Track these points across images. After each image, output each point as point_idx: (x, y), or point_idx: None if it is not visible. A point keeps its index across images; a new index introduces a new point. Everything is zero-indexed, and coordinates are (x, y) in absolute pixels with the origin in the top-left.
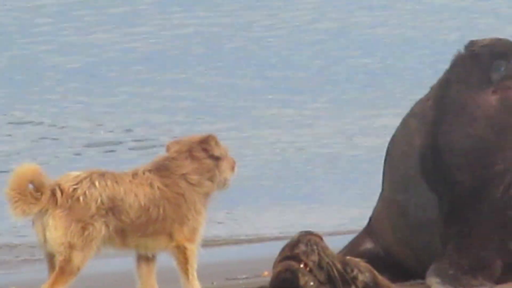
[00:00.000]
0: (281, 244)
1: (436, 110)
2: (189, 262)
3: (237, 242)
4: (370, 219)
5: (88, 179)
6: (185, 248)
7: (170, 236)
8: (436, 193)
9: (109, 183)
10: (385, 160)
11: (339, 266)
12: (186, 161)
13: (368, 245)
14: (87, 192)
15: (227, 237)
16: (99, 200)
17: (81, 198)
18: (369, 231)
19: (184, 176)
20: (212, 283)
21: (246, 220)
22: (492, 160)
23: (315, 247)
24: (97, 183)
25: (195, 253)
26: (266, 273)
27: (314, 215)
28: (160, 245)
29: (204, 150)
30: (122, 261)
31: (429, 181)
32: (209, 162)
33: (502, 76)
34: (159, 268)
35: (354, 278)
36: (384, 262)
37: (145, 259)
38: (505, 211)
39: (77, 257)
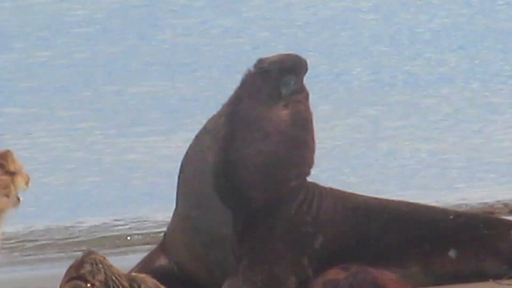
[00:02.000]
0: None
1: (228, 126)
2: None
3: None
4: (165, 234)
5: None
6: None
7: None
8: (230, 210)
9: None
10: (179, 176)
11: (125, 283)
12: None
13: (162, 261)
14: None
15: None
16: None
17: None
18: (163, 247)
19: None
20: None
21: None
22: (285, 176)
23: (100, 265)
24: None
25: None
26: None
27: None
28: None
29: (0, 166)
30: None
31: (223, 198)
32: (5, 178)
33: (292, 90)
34: None
35: None
36: (178, 279)
37: None
38: (298, 228)
39: None
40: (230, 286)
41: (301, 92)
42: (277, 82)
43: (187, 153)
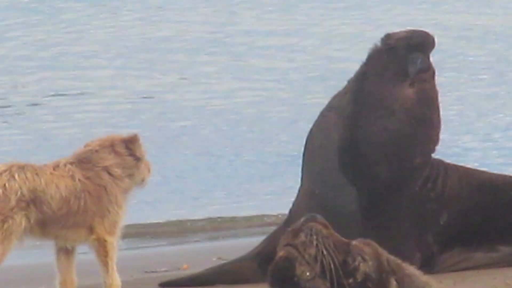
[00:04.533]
0: (203, 236)
1: (353, 104)
2: (109, 255)
3: (157, 235)
4: (290, 211)
5: (7, 172)
6: (105, 241)
7: (91, 228)
8: (355, 187)
9: (29, 175)
10: (304, 153)
11: (339, 258)
12: (109, 155)
13: None
14: (6, 184)
15: (147, 230)
16: (19, 193)
17: (0, 191)
18: (289, 224)
19: (106, 168)
20: (131, 276)
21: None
22: (410, 153)
23: (314, 237)
24: (16, 176)
25: (115, 246)
26: (185, 266)
27: None
28: (80, 237)
29: (127, 148)
30: (42, 253)
31: (347, 175)
32: (130, 160)
33: (419, 69)
34: (78, 261)
35: (355, 270)
36: None
37: (64, 251)
38: (423, 204)
39: None
40: None
41: (428, 70)
42: (403, 59)
43: (311, 130)
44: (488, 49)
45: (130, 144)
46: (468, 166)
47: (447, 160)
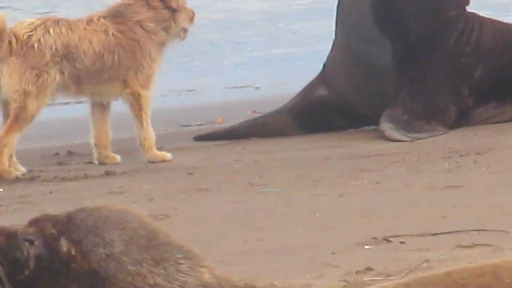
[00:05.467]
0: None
1: None
2: (143, 109)
3: (191, 89)
4: (324, 65)
5: (42, 26)
6: (139, 94)
7: (125, 83)
8: (390, 40)
9: (63, 30)
10: (338, 7)
11: (9, 259)
12: (143, 8)
13: (322, 92)
14: (41, 39)
15: (181, 84)
16: (53, 48)
17: (35, 45)
18: (323, 77)
19: (139, 22)
20: (166, 130)
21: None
22: (445, 5)
23: None
24: (51, 30)
25: (149, 100)
26: (220, 119)
27: None
28: (115, 92)
29: (161, 1)
30: (76, 108)
31: (382, 28)
32: (165, 12)
33: None
34: (113, 115)
35: (27, 259)
36: (337, 109)
37: (99, 106)
38: (458, 58)
39: (32, 104)
40: (390, 115)
41: None
42: None
43: None
44: None
45: None
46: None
47: (482, 14)
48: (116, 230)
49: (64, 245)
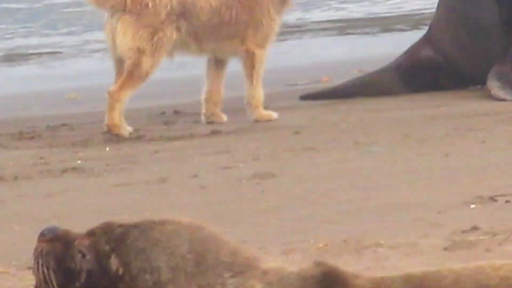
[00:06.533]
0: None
1: None
2: (255, 68)
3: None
4: (430, 26)
5: None
6: (253, 53)
7: (243, 40)
8: (496, 0)
9: None
10: None
11: (62, 269)
12: None
13: (428, 52)
14: None
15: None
16: (169, 6)
17: (150, 4)
18: (429, 38)
19: None
20: (272, 89)
21: None
22: None
23: (37, 261)
24: None
25: (263, 59)
26: (325, 78)
27: None
28: (235, 49)
29: None
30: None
31: None
32: None
33: None
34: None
35: (79, 271)
36: (443, 69)
37: (216, 62)
38: None
39: (146, 62)
40: (498, 73)
41: None
42: None
43: None
44: None
45: None
46: None
47: None
48: (164, 255)
49: (114, 263)
